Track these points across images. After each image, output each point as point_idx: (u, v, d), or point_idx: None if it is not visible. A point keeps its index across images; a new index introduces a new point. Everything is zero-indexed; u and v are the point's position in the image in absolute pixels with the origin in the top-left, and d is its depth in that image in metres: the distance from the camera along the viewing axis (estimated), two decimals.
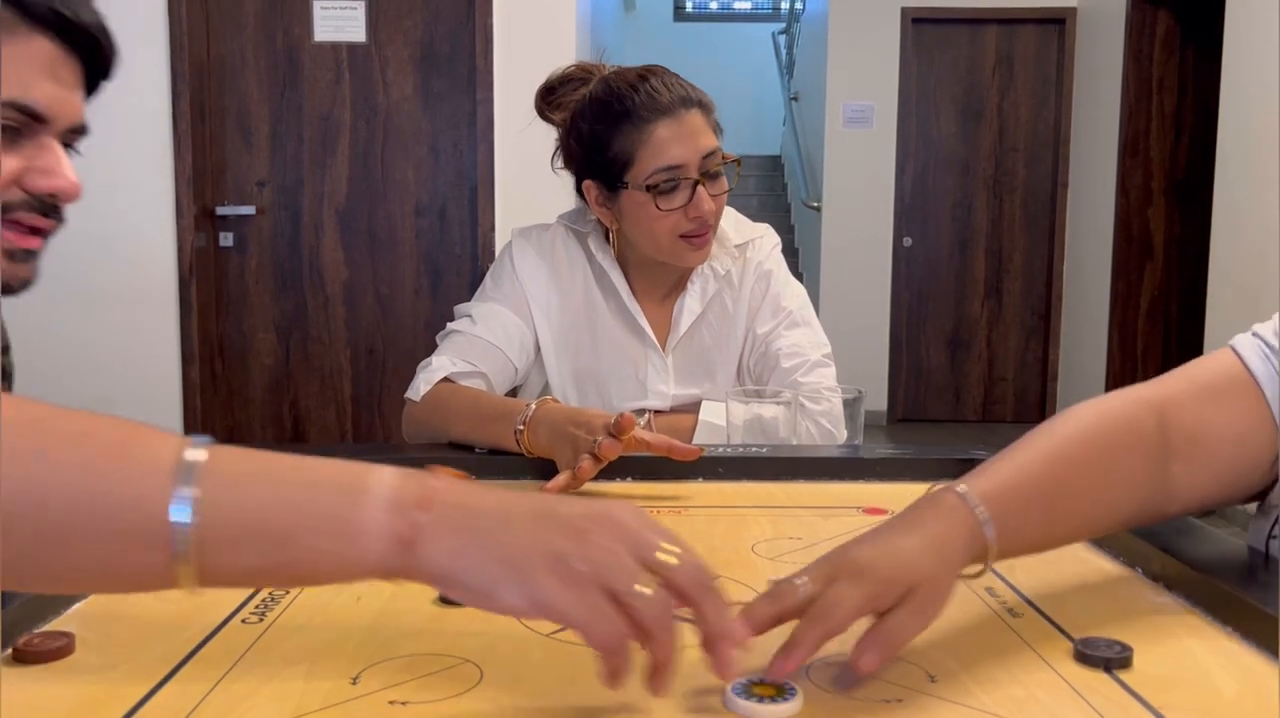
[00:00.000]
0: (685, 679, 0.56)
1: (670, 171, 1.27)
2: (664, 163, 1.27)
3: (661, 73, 1.31)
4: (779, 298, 1.43)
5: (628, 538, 0.53)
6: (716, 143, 1.30)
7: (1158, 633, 0.66)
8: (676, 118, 1.27)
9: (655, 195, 1.28)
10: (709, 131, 1.30)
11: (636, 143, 1.27)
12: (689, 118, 1.28)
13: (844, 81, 5.91)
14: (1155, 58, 5.06)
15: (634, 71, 1.31)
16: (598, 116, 1.30)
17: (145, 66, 3.41)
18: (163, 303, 3.53)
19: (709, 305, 1.42)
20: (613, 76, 1.31)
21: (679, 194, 1.28)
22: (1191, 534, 0.81)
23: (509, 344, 1.35)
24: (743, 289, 1.43)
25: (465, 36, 3.54)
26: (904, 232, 5.94)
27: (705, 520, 0.94)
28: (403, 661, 0.61)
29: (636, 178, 1.28)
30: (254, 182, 3.62)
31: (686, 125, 1.28)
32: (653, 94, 1.27)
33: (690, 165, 1.27)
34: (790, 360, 1.37)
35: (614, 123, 1.28)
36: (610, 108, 1.28)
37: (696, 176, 1.27)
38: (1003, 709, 0.55)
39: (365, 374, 3.70)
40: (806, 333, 1.41)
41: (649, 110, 1.27)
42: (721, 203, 1.33)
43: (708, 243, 1.33)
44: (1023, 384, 6.03)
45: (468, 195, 3.63)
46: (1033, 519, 0.70)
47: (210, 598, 0.71)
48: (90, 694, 0.57)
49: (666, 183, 1.27)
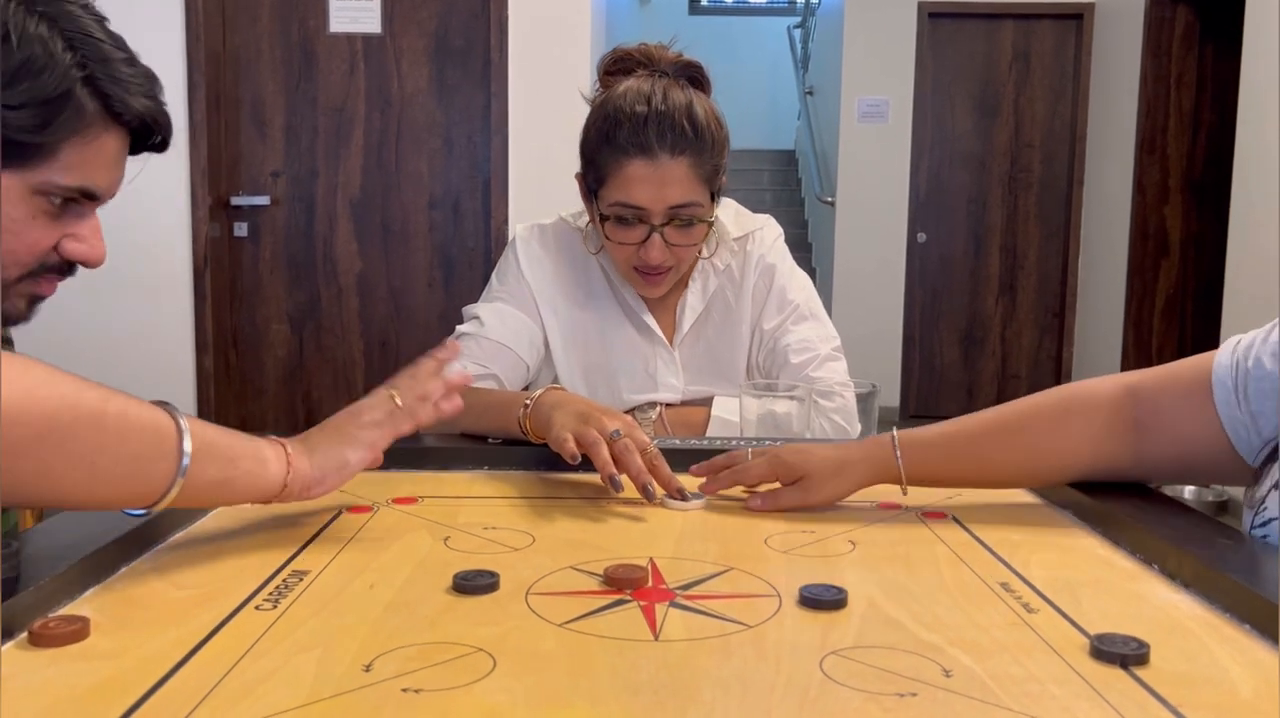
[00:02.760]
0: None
1: (630, 209, 1.25)
2: (625, 199, 1.25)
3: (670, 109, 1.24)
4: (784, 291, 1.41)
5: (388, 391, 0.89)
6: (694, 198, 1.25)
7: (1175, 630, 0.66)
8: (655, 162, 1.23)
9: (612, 225, 1.28)
10: (689, 184, 1.25)
11: (611, 168, 1.26)
12: (670, 165, 1.24)
13: (859, 76, 5.89)
14: (1174, 54, 5.02)
15: (644, 94, 1.25)
16: (594, 125, 1.29)
17: (161, 57, 3.41)
18: (177, 293, 3.54)
19: (712, 302, 1.41)
20: (624, 93, 1.27)
21: (635, 231, 1.27)
22: (1209, 530, 0.81)
23: (519, 343, 1.35)
24: (744, 284, 1.41)
25: (480, 29, 3.54)
26: (918, 227, 5.92)
27: (718, 513, 0.94)
28: (416, 649, 0.61)
29: (603, 199, 1.28)
30: (268, 172, 3.63)
31: (663, 172, 1.24)
32: (639, 130, 1.23)
33: (653, 212, 1.25)
34: (800, 356, 1.36)
35: (601, 139, 1.27)
36: (603, 124, 1.27)
37: (657, 223, 1.25)
38: (1018, 705, 0.55)
39: (378, 366, 3.71)
40: (814, 326, 1.40)
41: (630, 144, 1.24)
42: (687, 252, 1.30)
43: (662, 282, 1.31)
44: (1036, 382, 6.00)
45: (481, 188, 3.63)
46: (956, 460, 0.93)
47: (224, 585, 0.72)
48: (106, 678, 0.57)
49: (622, 218, 1.26)
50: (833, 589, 0.70)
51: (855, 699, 0.55)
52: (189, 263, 3.52)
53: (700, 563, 0.79)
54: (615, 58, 1.33)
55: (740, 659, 0.61)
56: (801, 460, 0.92)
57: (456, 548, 0.82)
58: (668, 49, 1.33)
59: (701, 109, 1.27)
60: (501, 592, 0.71)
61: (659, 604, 0.69)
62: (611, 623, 0.66)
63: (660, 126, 1.23)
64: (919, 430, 0.94)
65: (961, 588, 0.74)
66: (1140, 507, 0.87)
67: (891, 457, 0.91)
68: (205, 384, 3.57)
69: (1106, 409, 0.91)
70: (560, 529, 0.88)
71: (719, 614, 0.68)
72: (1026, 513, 0.95)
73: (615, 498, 0.97)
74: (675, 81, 1.29)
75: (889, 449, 0.92)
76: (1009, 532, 0.88)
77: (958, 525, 0.90)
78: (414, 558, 0.79)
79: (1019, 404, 0.94)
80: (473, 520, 0.90)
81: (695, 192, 1.26)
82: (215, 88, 3.50)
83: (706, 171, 1.27)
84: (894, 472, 0.92)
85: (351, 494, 0.96)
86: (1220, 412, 0.86)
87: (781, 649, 0.62)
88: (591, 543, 0.84)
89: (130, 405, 0.71)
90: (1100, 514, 0.89)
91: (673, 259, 1.29)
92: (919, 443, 0.92)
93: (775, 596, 0.71)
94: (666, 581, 0.74)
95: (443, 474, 1.07)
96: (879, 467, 0.92)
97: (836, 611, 0.68)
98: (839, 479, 0.92)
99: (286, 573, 0.75)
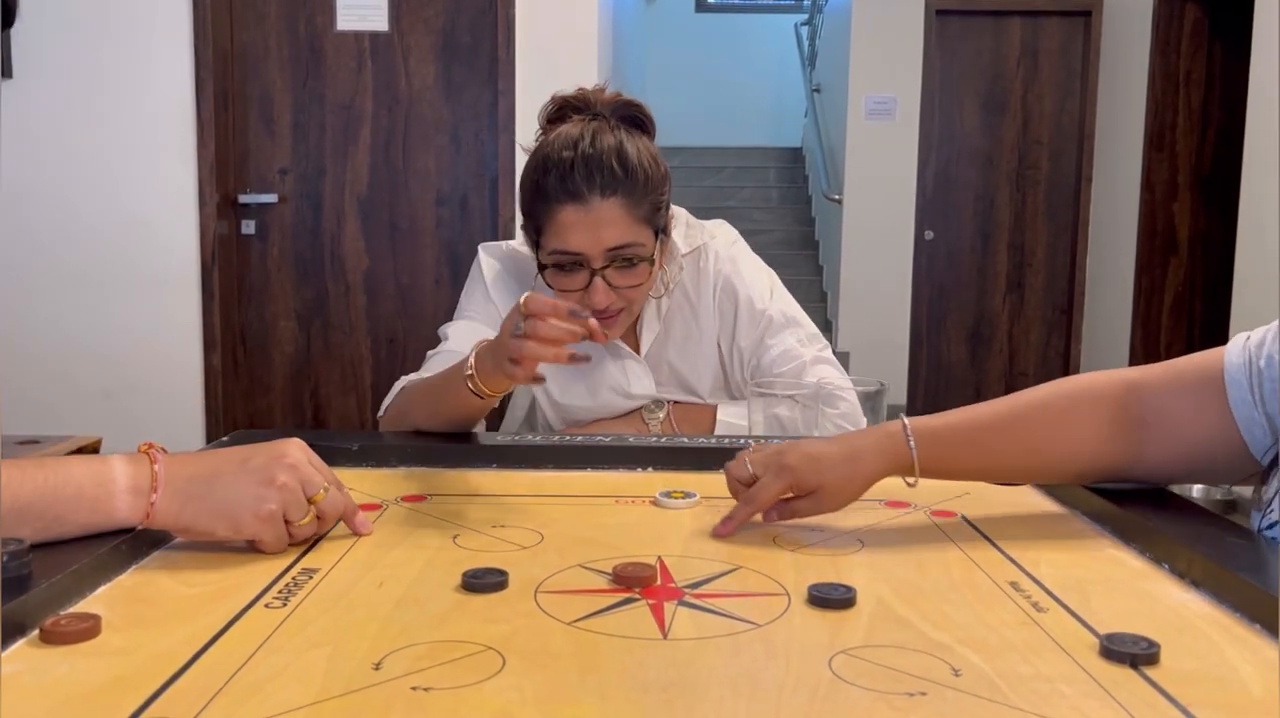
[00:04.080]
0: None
1: (567, 256, 1.24)
2: (561, 246, 1.24)
3: (598, 151, 1.23)
4: (751, 303, 1.38)
5: (300, 478, 0.78)
6: (632, 238, 1.23)
7: (1185, 630, 0.66)
8: (585, 205, 1.22)
9: (553, 273, 1.26)
10: (624, 224, 1.23)
11: (545, 217, 1.25)
12: (601, 207, 1.22)
13: (866, 74, 5.88)
14: (1182, 51, 5.00)
15: (572, 139, 1.24)
16: (527, 176, 1.28)
17: (169, 55, 3.42)
18: (185, 290, 3.55)
19: (670, 323, 1.39)
20: (553, 140, 1.26)
21: (577, 278, 1.25)
22: (1219, 529, 0.81)
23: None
24: (701, 302, 1.39)
25: (487, 26, 3.54)
26: (925, 225, 5.90)
27: (726, 511, 0.93)
28: (425, 647, 0.61)
29: (543, 249, 1.27)
30: (276, 170, 3.63)
31: (595, 215, 1.22)
32: (565, 177, 1.22)
33: (591, 256, 1.23)
34: (784, 366, 1.34)
35: (533, 191, 1.26)
36: (534, 173, 1.26)
37: (596, 267, 1.24)
38: (1028, 704, 0.55)
39: (386, 363, 3.71)
40: (794, 333, 1.37)
41: (558, 191, 1.23)
42: (634, 293, 1.27)
43: (614, 324, 1.29)
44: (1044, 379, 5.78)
45: (488, 185, 3.63)
46: (962, 451, 0.90)
47: (234, 582, 0.72)
48: (117, 675, 0.57)
49: (560, 265, 1.25)
50: (841, 588, 0.70)
51: (864, 698, 0.55)
52: (196, 260, 3.53)
53: (709, 562, 0.79)
54: (555, 105, 1.32)
55: (749, 658, 0.61)
56: (813, 471, 0.87)
57: (465, 546, 0.82)
58: (604, 91, 1.32)
59: (634, 148, 1.25)
60: (510, 590, 0.71)
61: (668, 603, 0.69)
62: (620, 622, 0.66)
63: (588, 169, 1.22)
64: (926, 419, 0.92)
65: (971, 587, 0.74)
66: (1150, 506, 0.87)
67: (903, 447, 0.88)
68: (213, 381, 3.58)
69: (1111, 405, 0.90)
70: (569, 528, 0.88)
71: (728, 613, 0.68)
72: (1036, 512, 0.95)
73: (623, 497, 0.98)
74: (608, 123, 1.27)
75: (900, 440, 0.88)
76: (1018, 531, 0.87)
77: (967, 524, 0.90)
78: (423, 556, 0.80)
79: (1025, 396, 0.93)
80: (481, 519, 0.90)
81: (632, 231, 1.24)
82: (223, 85, 3.51)
83: (644, 210, 1.25)
84: (906, 462, 0.88)
85: (360, 493, 0.96)
86: (1235, 411, 0.85)
87: (790, 648, 0.62)
88: (600, 542, 0.84)
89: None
90: (1109, 513, 0.88)
91: (621, 301, 1.27)
92: (926, 432, 0.90)
93: (784, 594, 0.71)
94: (675, 579, 0.74)
95: (451, 472, 1.07)
96: (890, 458, 0.89)
97: (845, 609, 0.68)
98: (852, 484, 0.88)
99: (296, 571, 0.75)
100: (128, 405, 3.55)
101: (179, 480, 0.76)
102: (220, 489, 0.76)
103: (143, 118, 3.46)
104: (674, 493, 0.96)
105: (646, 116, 1.32)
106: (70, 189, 3.46)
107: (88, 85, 3.42)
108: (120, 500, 0.75)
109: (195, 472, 0.77)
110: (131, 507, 0.75)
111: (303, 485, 0.78)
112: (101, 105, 3.43)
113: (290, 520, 0.77)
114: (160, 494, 0.75)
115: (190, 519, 0.76)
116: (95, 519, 0.74)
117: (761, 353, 1.37)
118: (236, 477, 0.76)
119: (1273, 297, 3.71)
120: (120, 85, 3.42)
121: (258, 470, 0.77)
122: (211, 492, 0.76)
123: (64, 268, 3.51)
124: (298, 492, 0.77)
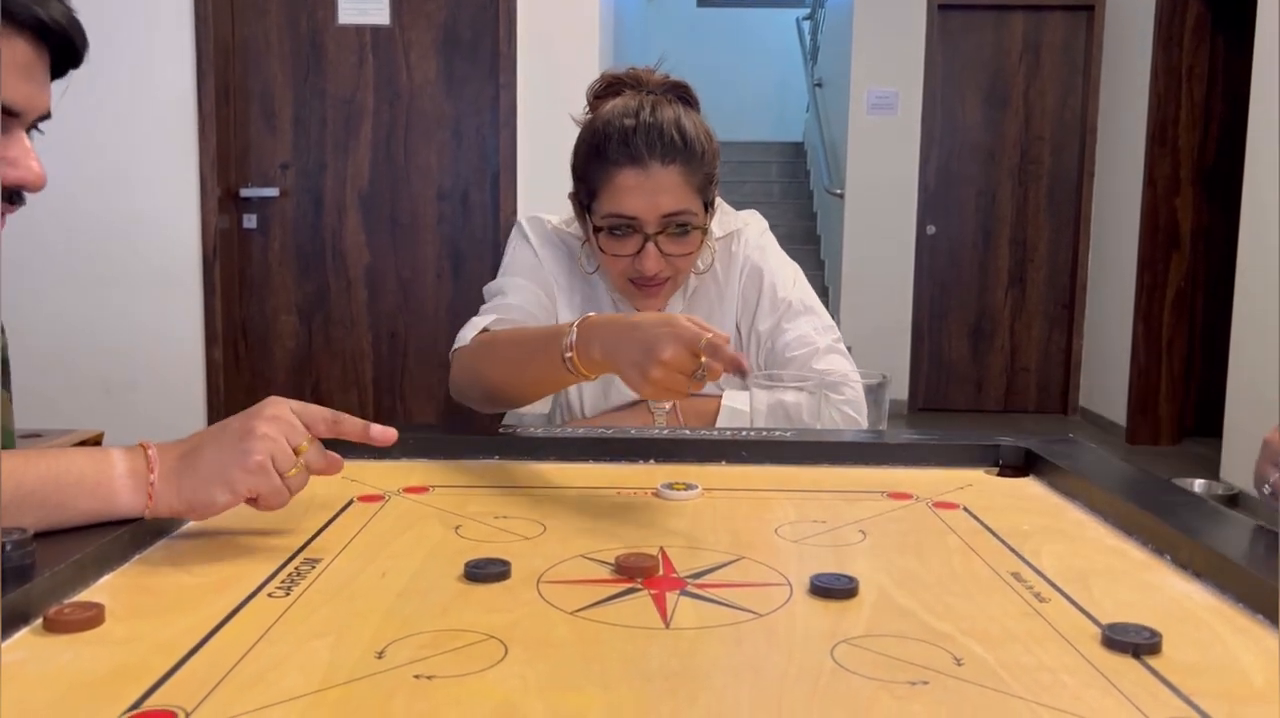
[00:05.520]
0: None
1: (623, 219, 1.26)
2: (617, 209, 1.26)
3: (658, 121, 1.25)
4: (775, 290, 1.40)
5: (281, 428, 0.78)
6: (687, 205, 1.26)
7: (1187, 619, 0.66)
8: (645, 170, 1.24)
9: (606, 237, 1.28)
10: (681, 192, 1.25)
11: (602, 180, 1.27)
12: (661, 174, 1.24)
13: (869, 68, 5.87)
14: (1185, 45, 4.99)
15: (632, 109, 1.27)
16: (583, 142, 1.30)
17: (170, 49, 3.42)
18: (186, 284, 3.55)
19: (693, 303, 1.41)
20: (611, 109, 1.29)
21: (629, 242, 1.27)
22: (1220, 521, 0.81)
23: (541, 316, 1.36)
24: (729, 287, 1.41)
25: (488, 21, 3.53)
26: (927, 219, 5.90)
27: (728, 503, 0.94)
28: (428, 636, 0.61)
29: (596, 212, 1.29)
30: (277, 164, 3.63)
31: (654, 180, 1.24)
32: (627, 141, 1.24)
33: (646, 220, 1.25)
34: (797, 351, 1.35)
35: (591, 155, 1.28)
36: (592, 139, 1.28)
37: (650, 233, 1.25)
38: (1030, 694, 0.55)
39: (387, 358, 3.71)
40: (809, 320, 1.39)
41: (619, 155, 1.25)
42: (683, 262, 1.29)
43: (659, 294, 1.31)
44: (1045, 375, 5.99)
45: (490, 180, 3.63)
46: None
47: (237, 572, 0.72)
48: (120, 664, 0.57)
49: (616, 229, 1.27)
50: (844, 578, 0.70)
51: (866, 688, 0.55)
52: (198, 255, 3.53)
53: (711, 552, 0.79)
54: (604, 82, 1.35)
55: (751, 648, 0.61)
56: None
57: (468, 537, 0.83)
58: (654, 71, 1.35)
59: (690, 122, 1.28)
60: (513, 580, 0.71)
61: (670, 593, 0.69)
62: (622, 611, 0.66)
63: (649, 136, 1.24)
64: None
65: (973, 577, 0.74)
66: (1152, 497, 0.87)
67: None
68: (215, 375, 3.58)
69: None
70: (571, 518, 0.88)
71: (730, 603, 0.68)
72: (1037, 503, 0.95)
73: (625, 488, 0.98)
74: (663, 98, 1.30)
75: None
76: (1020, 521, 0.88)
77: (968, 515, 0.90)
78: (425, 546, 0.80)
79: None
80: (484, 509, 0.90)
81: (687, 199, 1.26)
82: (224, 79, 3.51)
83: (699, 181, 1.27)
84: None
85: (362, 483, 0.96)
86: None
87: (793, 638, 0.62)
88: (602, 532, 0.84)
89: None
90: (1111, 504, 0.88)
91: (669, 269, 1.29)
92: None
93: (786, 584, 0.71)
94: (677, 569, 0.74)
95: (454, 463, 1.08)
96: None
97: (847, 600, 0.68)
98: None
99: (299, 561, 0.75)
100: (129, 400, 3.56)
101: (171, 461, 0.77)
102: (208, 456, 0.77)
103: (144, 112, 3.45)
104: (676, 484, 0.96)
105: (694, 96, 1.35)
106: (72, 183, 3.45)
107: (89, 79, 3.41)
108: (121, 485, 0.76)
109: (184, 450, 0.78)
110: (133, 491, 0.76)
111: (285, 435, 0.78)
112: (103, 99, 3.43)
113: (280, 471, 0.77)
114: (157, 475, 0.76)
115: (190, 494, 0.76)
116: (97, 506, 0.75)
117: (777, 336, 1.38)
118: (219, 440, 0.78)
119: (1274, 292, 3.71)
120: (121, 79, 3.42)
121: (238, 429, 0.78)
122: (201, 461, 0.77)
123: (65, 262, 3.51)
124: (280, 440, 0.78)
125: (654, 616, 0.65)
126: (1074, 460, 1.00)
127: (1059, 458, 1.01)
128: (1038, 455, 1.04)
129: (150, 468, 0.76)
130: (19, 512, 0.71)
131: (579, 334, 1.04)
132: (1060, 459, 1.01)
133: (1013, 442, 1.08)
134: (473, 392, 1.27)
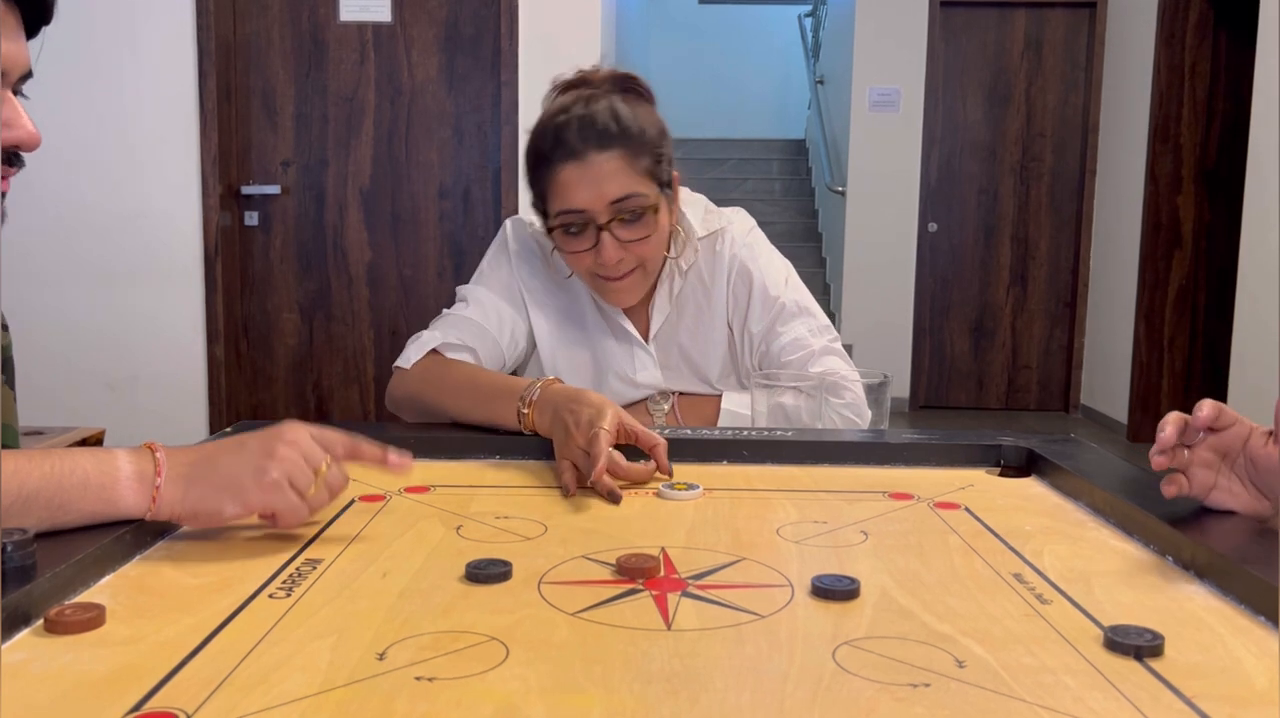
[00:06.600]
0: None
1: (573, 215, 1.24)
2: (565, 205, 1.24)
3: (590, 112, 1.24)
4: (766, 290, 1.37)
5: (300, 451, 0.79)
6: (634, 188, 1.23)
7: (1189, 621, 0.66)
8: (584, 161, 1.22)
9: (562, 235, 1.27)
10: (625, 176, 1.23)
11: (548, 181, 1.26)
12: (601, 161, 1.22)
13: (870, 65, 5.86)
14: (1187, 43, 4.98)
15: (566, 105, 1.26)
16: (527, 150, 1.29)
17: (172, 46, 3.42)
18: (188, 281, 3.55)
19: (681, 304, 1.40)
20: (547, 111, 1.28)
21: (585, 237, 1.26)
22: (1223, 522, 0.81)
23: (501, 331, 1.35)
24: (716, 286, 1.39)
25: (490, 18, 3.53)
26: (929, 217, 5.90)
27: (729, 503, 0.94)
28: (429, 637, 0.61)
29: (550, 215, 1.28)
30: (279, 161, 3.63)
31: (595, 169, 1.22)
32: (561, 136, 1.23)
33: (595, 211, 1.23)
34: (793, 354, 1.34)
35: (534, 159, 1.28)
36: (533, 144, 1.28)
37: (602, 222, 1.24)
38: (1031, 696, 0.55)
39: (388, 355, 3.71)
40: (805, 322, 1.37)
41: (557, 153, 1.24)
42: (645, 248, 1.27)
43: (629, 287, 1.30)
44: (1047, 372, 5.99)
45: (491, 177, 3.62)
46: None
47: (238, 573, 0.72)
48: (121, 665, 0.57)
49: (570, 226, 1.26)
50: (845, 580, 0.70)
51: (868, 689, 0.55)
52: (200, 252, 3.53)
53: (712, 553, 0.79)
54: (556, 89, 1.34)
55: (753, 649, 0.61)
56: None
57: (469, 537, 0.83)
58: (600, 69, 1.34)
59: (628, 108, 1.26)
60: (514, 581, 0.71)
61: (671, 594, 0.69)
62: (624, 612, 0.66)
63: (583, 128, 1.23)
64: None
65: (974, 579, 0.73)
66: (1153, 498, 0.87)
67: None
68: (216, 373, 3.58)
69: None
70: (572, 519, 0.88)
71: (731, 604, 0.68)
72: (1039, 504, 0.95)
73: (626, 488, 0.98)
74: (602, 92, 1.28)
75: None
76: (1021, 522, 0.87)
77: (970, 516, 0.90)
78: (426, 547, 0.80)
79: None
80: (485, 510, 0.90)
81: (634, 183, 1.24)
82: (226, 77, 3.51)
83: (646, 163, 1.25)
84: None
85: (364, 483, 0.96)
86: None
87: (794, 639, 0.62)
88: (604, 533, 0.84)
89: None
90: (1113, 505, 0.88)
91: (632, 258, 1.27)
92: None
93: (788, 586, 0.71)
94: (679, 570, 0.74)
95: (455, 463, 1.08)
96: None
97: (849, 601, 0.68)
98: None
99: (300, 562, 0.75)
100: (131, 397, 3.56)
101: (180, 466, 0.77)
102: (222, 468, 0.77)
103: (145, 109, 3.45)
104: (677, 484, 0.96)
105: (643, 87, 1.33)
106: (73, 181, 3.45)
107: (90, 77, 3.42)
108: (125, 488, 0.75)
109: (196, 458, 0.78)
110: (137, 494, 0.75)
111: (305, 457, 0.79)
112: (104, 96, 3.43)
113: (299, 490, 0.78)
114: (163, 478, 0.76)
115: (196, 501, 0.76)
116: (100, 508, 0.75)
117: (771, 339, 1.36)
118: (237, 455, 0.78)
119: (1276, 290, 3.70)
120: (123, 76, 3.42)
121: (257, 448, 0.78)
122: (214, 471, 0.77)
123: (67, 259, 3.51)
124: (299, 462, 0.78)
125: (655, 617, 0.65)
126: (1076, 461, 1.00)
127: (1061, 458, 1.01)
128: (1039, 456, 1.04)
129: (158, 471, 0.76)
130: (22, 512, 0.71)
131: (541, 393, 1.10)
132: (1062, 459, 1.01)
133: (1014, 442, 1.08)
134: (408, 411, 1.29)
